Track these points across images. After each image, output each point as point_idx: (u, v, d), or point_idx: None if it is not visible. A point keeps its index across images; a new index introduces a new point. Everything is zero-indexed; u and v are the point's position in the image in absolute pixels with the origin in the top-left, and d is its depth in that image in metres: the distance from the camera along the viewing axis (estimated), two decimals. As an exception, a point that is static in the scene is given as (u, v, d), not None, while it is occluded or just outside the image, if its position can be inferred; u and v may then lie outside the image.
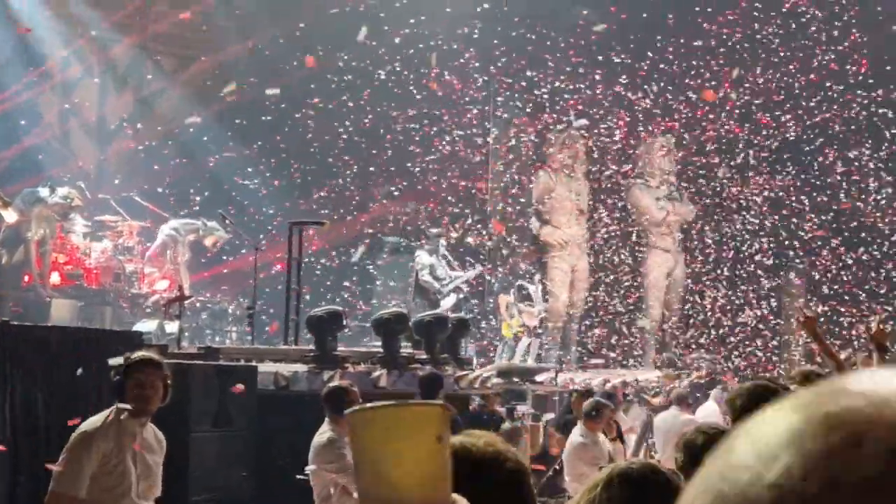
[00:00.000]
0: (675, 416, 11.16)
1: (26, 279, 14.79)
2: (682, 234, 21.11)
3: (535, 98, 19.97)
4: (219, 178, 19.30)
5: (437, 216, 19.77)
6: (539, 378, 14.56)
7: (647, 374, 17.22)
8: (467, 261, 18.12)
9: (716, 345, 20.08)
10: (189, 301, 13.97)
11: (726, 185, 20.73)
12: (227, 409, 8.78)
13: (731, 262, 20.58)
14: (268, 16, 19.54)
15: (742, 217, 20.54)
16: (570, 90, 19.82)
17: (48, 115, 18.79)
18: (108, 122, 19.97)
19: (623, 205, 20.81)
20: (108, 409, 5.14)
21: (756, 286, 20.41)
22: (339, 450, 6.75)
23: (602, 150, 20.47)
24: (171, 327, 13.15)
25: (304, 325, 12.24)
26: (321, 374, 10.34)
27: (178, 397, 5.44)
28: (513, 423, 11.63)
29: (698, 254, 20.83)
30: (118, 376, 5.14)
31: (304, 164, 19.85)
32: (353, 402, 6.73)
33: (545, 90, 19.80)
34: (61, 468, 4.93)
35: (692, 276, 20.87)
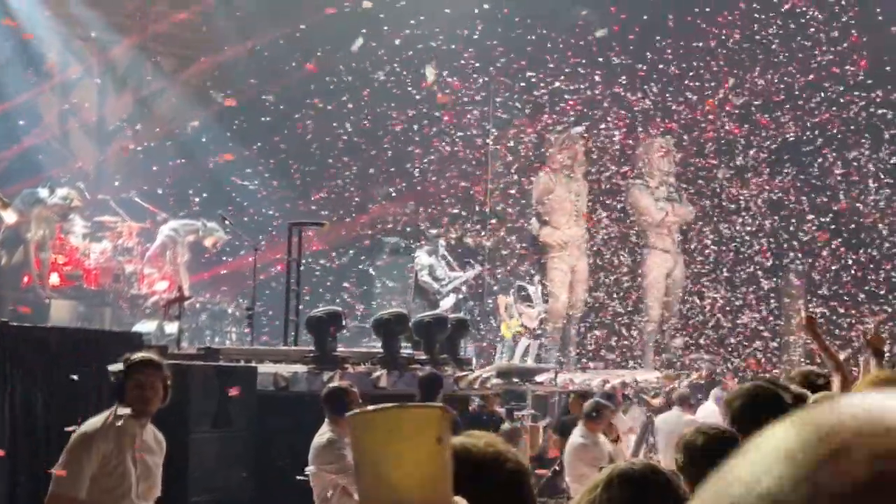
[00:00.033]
0: (677, 416, 11.19)
1: (25, 280, 14.78)
2: (682, 235, 21.11)
3: (534, 99, 19.97)
4: (218, 178, 19.28)
5: (436, 217, 19.77)
6: (539, 378, 14.56)
7: (647, 375, 17.22)
8: (466, 261, 18.11)
9: (715, 345, 20.07)
10: (188, 302, 13.97)
11: (725, 185, 20.72)
12: (227, 410, 8.77)
13: (730, 263, 20.58)
14: (268, 17, 19.54)
15: (741, 218, 20.53)
16: (570, 91, 19.82)
17: (48, 115, 18.77)
18: (108, 123, 19.95)
19: (622, 206, 20.82)
20: (108, 410, 5.14)
21: (755, 287, 20.41)
22: (338, 450, 6.74)
23: (601, 151, 20.47)
24: (171, 328, 13.15)
25: (303, 326, 12.24)
26: (321, 374, 10.33)
27: (177, 398, 5.43)
28: (512, 423, 11.64)
29: (698, 255, 20.83)
30: (118, 378, 5.14)
31: (304, 164, 19.85)
32: (352, 403, 6.73)
33: (544, 91, 19.80)
34: (62, 471, 4.93)
35: (691, 276, 20.87)
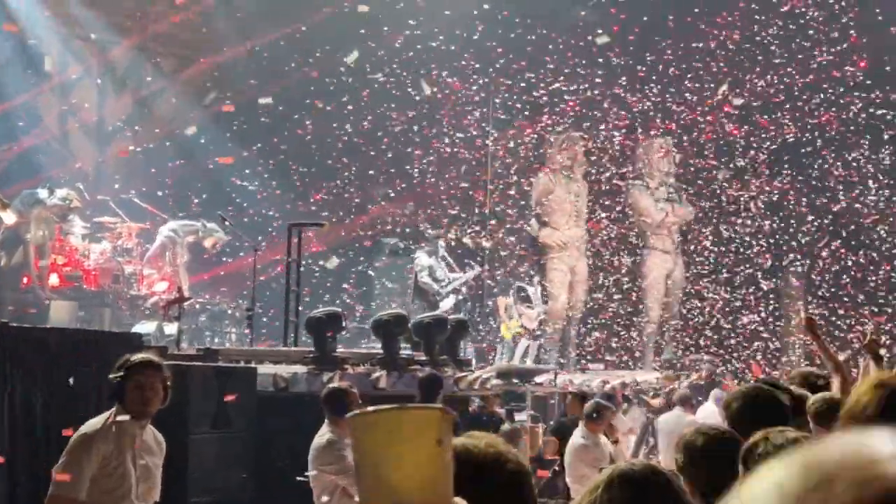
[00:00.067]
0: (678, 417, 11.18)
1: (25, 281, 14.78)
2: (682, 236, 21.11)
3: (534, 99, 19.96)
4: (218, 179, 19.28)
5: (435, 218, 19.76)
6: (538, 379, 14.56)
7: (647, 376, 17.22)
8: (466, 262, 18.10)
9: (715, 346, 20.07)
10: (188, 303, 13.97)
11: (725, 186, 20.72)
12: (227, 411, 8.77)
13: (730, 264, 20.57)
14: (268, 17, 19.53)
15: (741, 219, 20.53)
16: (570, 91, 19.82)
17: (47, 116, 18.75)
18: (107, 124, 19.93)
19: (622, 207, 20.82)
20: (108, 412, 5.14)
21: (755, 288, 20.40)
22: (338, 451, 6.74)
23: (601, 152, 20.46)
24: (171, 329, 13.14)
25: (303, 327, 12.24)
26: (320, 375, 10.33)
27: (177, 399, 5.42)
28: (512, 424, 11.63)
29: (697, 256, 20.82)
30: (118, 378, 5.14)
31: (304, 165, 19.84)
32: (352, 404, 6.73)
33: (544, 92, 19.79)
34: (62, 473, 4.92)
35: (691, 277, 20.87)
